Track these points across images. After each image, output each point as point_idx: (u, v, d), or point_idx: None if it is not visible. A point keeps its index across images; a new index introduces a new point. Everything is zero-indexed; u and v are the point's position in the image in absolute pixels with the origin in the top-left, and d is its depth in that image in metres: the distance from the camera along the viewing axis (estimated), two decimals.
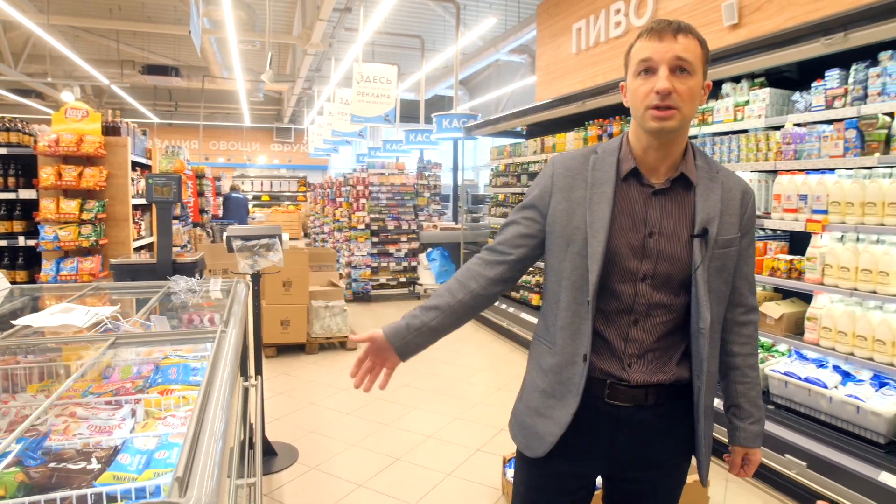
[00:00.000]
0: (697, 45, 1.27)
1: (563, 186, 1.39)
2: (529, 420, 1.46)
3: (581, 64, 6.30)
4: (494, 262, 1.43)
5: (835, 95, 3.05)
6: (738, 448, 1.47)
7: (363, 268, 8.13)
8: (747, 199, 1.41)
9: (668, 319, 1.35)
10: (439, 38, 11.68)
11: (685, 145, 1.38)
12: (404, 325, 1.41)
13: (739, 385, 1.46)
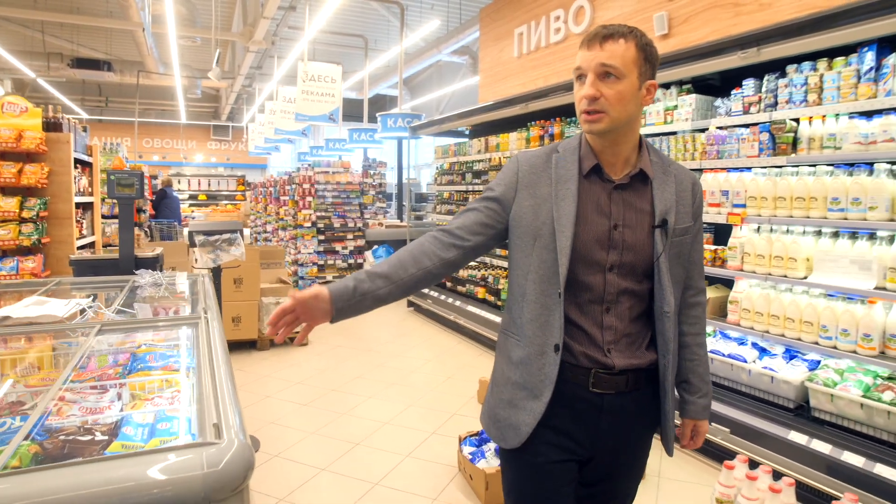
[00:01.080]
0: (628, 51, 1.32)
1: (528, 183, 1.44)
2: (503, 412, 1.47)
3: (523, 67, 6.59)
4: (451, 245, 1.43)
5: (751, 102, 3.42)
6: (688, 420, 1.57)
7: (310, 265, 8.16)
8: (697, 189, 1.51)
9: (635, 304, 1.43)
10: (381, 38, 11.78)
11: (638, 142, 1.45)
12: (352, 288, 1.36)
13: (689, 362, 1.56)
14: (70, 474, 0.85)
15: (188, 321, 1.96)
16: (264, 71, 12.54)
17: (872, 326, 2.75)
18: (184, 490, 0.86)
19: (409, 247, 1.46)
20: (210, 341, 1.66)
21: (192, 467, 0.88)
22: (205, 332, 1.79)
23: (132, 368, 2.03)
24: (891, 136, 2.70)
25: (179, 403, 1.78)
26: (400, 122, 8.28)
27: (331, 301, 1.34)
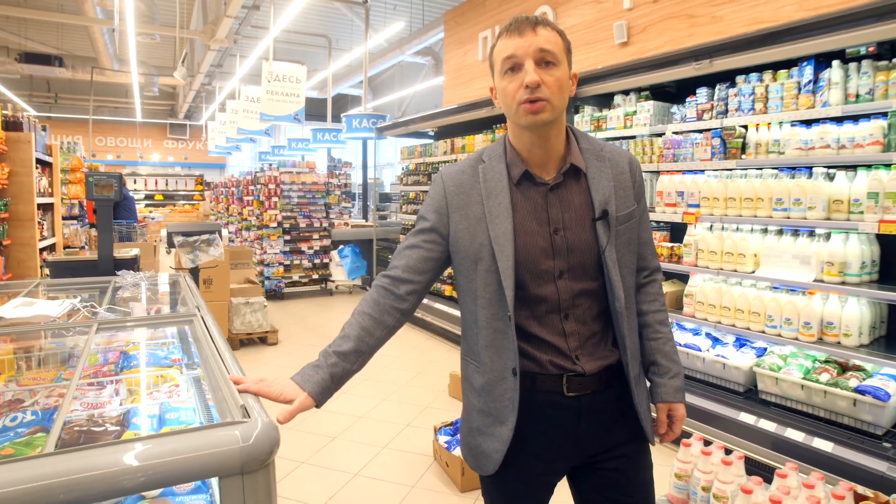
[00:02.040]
0: (558, 37, 1.29)
1: (458, 204, 1.37)
2: (473, 440, 1.43)
3: (487, 71, 6.74)
4: (405, 295, 1.38)
5: (704, 109, 3.67)
6: (662, 404, 1.46)
7: (276, 265, 8.16)
8: (634, 167, 1.43)
9: (593, 304, 1.37)
10: (343, 38, 11.80)
11: (565, 134, 1.38)
12: (328, 378, 1.33)
13: (653, 342, 1.48)
14: (128, 448, 0.95)
15: (183, 319, 2.03)
16: (225, 69, 12.39)
17: (811, 315, 3.02)
18: (226, 461, 0.97)
19: (365, 306, 1.40)
20: (211, 336, 1.75)
21: (231, 441, 0.99)
22: (202, 328, 1.87)
23: (124, 366, 2.10)
24: (826, 143, 2.97)
25: (178, 397, 1.87)
26: (365, 122, 8.36)
27: (315, 402, 1.32)
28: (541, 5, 5.79)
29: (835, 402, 2.85)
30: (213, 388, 1.40)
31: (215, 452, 0.98)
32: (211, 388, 1.44)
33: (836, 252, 2.95)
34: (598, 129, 4.45)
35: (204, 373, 1.60)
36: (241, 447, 0.99)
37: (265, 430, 1.05)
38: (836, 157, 2.94)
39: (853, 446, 2.67)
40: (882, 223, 2.71)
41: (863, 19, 2.74)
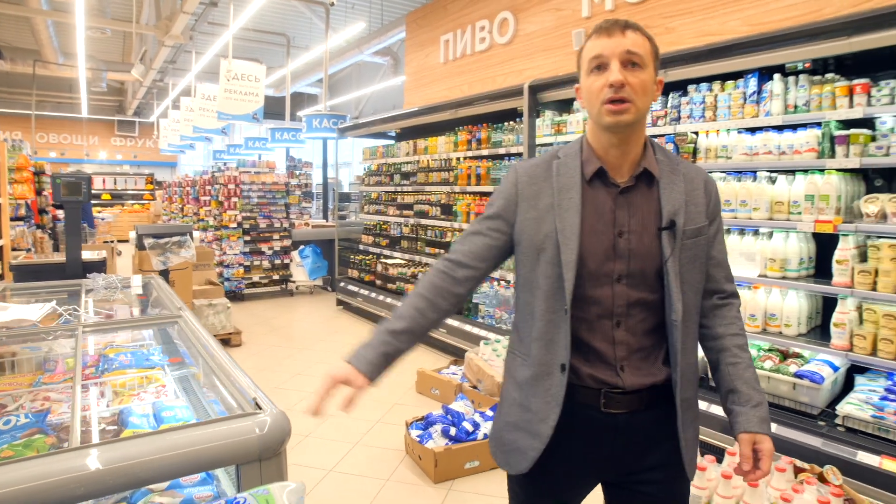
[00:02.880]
0: (646, 41, 1.29)
1: (528, 195, 1.37)
2: (509, 435, 1.41)
3: (449, 73, 6.89)
4: (463, 279, 1.39)
5: (658, 116, 3.88)
6: (745, 435, 1.33)
7: (236, 266, 8.08)
8: (710, 187, 1.41)
9: (648, 317, 1.34)
10: (300, 36, 11.71)
11: (644, 141, 1.38)
12: (381, 356, 1.33)
13: (731, 367, 1.39)
14: (158, 440, 1.03)
15: (167, 320, 2.08)
16: (179, 66, 12.12)
17: (756, 308, 3.26)
18: (247, 448, 1.06)
19: (421, 288, 1.40)
20: (200, 334, 1.80)
21: (249, 431, 1.08)
22: (189, 327, 1.93)
23: (106, 368, 2.12)
24: (769, 149, 3.21)
25: (167, 397, 1.92)
26: (325, 122, 8.34)
27: (368, 379, 1.32)
28: (502, 11, 5.96)
29: (777, 386, 3.09)
30: (214, 383, 1.47)
31: (237, 441, 1.07)
32: (211, 384, 1.51)
33: (777, 249, 3.20)
34: (559, 132, 4.63)
35: (200, 370, 1.66)
36: (259, 436, 1.09)
37: (278, 420, 1.14)
38: (777, 162, 3.19)
39: (793, 426, 2.91)
40: (817, 223, 2.96)
41: (799, 38, 2.99)
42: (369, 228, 7.69)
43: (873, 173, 3.19)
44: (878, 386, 2.96)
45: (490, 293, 5.36)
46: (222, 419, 1.12)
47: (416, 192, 6.64)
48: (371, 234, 7.60)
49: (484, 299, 5.42)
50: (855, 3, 3.31)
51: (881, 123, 2.99)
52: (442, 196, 6.17)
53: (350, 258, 7.87)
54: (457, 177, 5.88)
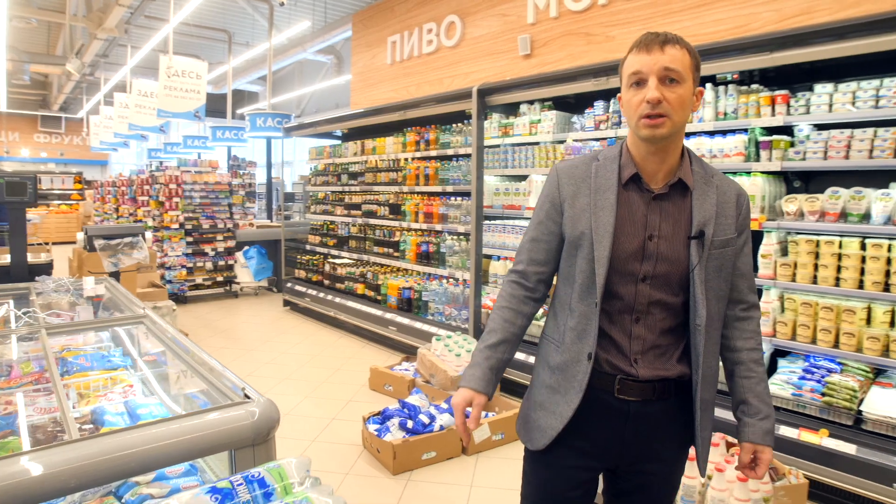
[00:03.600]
0: (685, 55, 1.33)
1: (569, 194, 1.46)
2: (534, 414, 1.51)
3: (396, 74, 6.96)
4: (535, 285, 1.52)
5: (600, 120, 4.10)
6: (747, 444, 1.44)
7: (178, 268, 7.88)
8: (742, 200, 1.46)
9: (667, 317, 1.42)
10: (239, 32, 11.46)
11: (681, 151, 1.44)
12: (488, 371, 1.45)
13: (745, 380, 1.47)
14: (162, 428, 1.08)
15: (133, 320, 2.08)
16: (112, 59, 11.63)
17: None
18: (241, 434, 1.13)
19: (503, 301, 1.52)
20: (173, 333, 1.83)
21: (244, 418, 1.14)
22: (156, 326, 1.94)
23: (65, 371, 2.10)
24: (702, 152, 3.47)
25: (135, 396, 1.93)
26: (270, 121, 8.25)
27: (486, 396, 1.44)
28: (449, 14, 6.08)
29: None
30: (194, 378, 1.51)
31: (232, 428, 1.13)
32: (191, 379, 1.54)
33: None
34: (506, 135, 4.79)
35: (178, 367, 1.68)
36: (252, 423, 1.16)
37: (268, 408, 1.21)
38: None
39: (725, 406, 3.15)
40: None
41: (728, 51, 3.25)
42: (316, 228, 7.66)
43: (792, 175, 3.49)
44: (797, 367, 3.25)
45: (439, 290, 5.48)
46: (217, 408, 1.18)
47: (364, 192, 6.68)
48: (318, 234, 7.57)
49: (433, 297, 5.53)
50: (779, 20, 3.61)
51: (798, 131, 3.28)
52: (390, 196, 6.24)
53: (297, 258, 7.82)
54: (405, 177, 5.96)
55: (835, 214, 3.07)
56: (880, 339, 2.93)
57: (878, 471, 2.68)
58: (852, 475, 2.75)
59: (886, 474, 2.65)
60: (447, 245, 5.42)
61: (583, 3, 4.75)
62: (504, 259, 4.86)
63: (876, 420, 2.82)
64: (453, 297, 5.37)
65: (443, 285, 5.48)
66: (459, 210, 5.30)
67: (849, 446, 2.77)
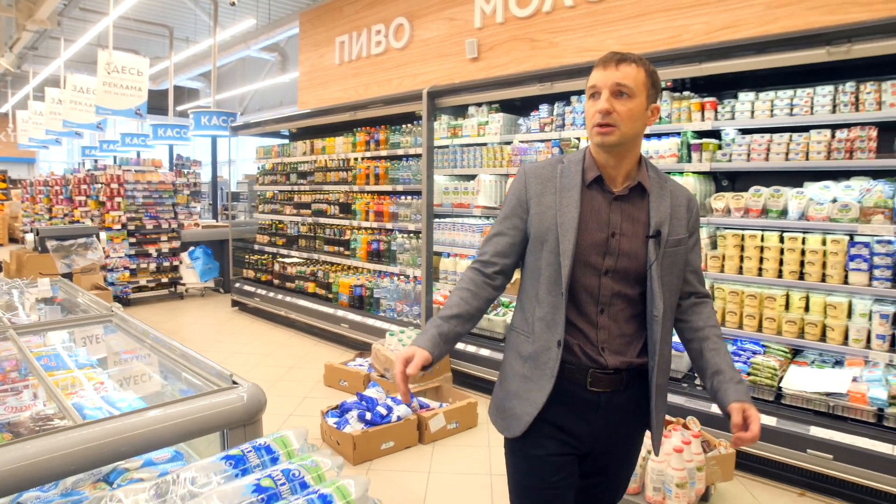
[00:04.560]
0: (640, 72, 1.46)
1: (535, 192, 1.56)
2: (509, 403, 1.59)
3: (344, 74, 7.01)
4: (493, 275, 1.59)
5: (545, 123, 4.32)
6: (735, 405, 1.48)
7: (121, 270, 7.66)
8: (692, 205, 1.61)
9: (628, 307, 1.53)
10: (181, 27, 11.19)
11: (638, 159, 1.57)
12: (436, 336, 1.49)
13: (714, 353, 1.57)
14: (164, 412, 1.16)
15: (101, 318, 2.11)
16: (42, 52, 11.12)
17: None
18: (233, 415, 1.22)
19: (462, 283, 1.59)
20: (146, 328, 1.88)
21: (236, 400, 1.24)
22: (128, 323, 1.99)
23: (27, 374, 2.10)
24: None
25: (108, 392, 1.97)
26: (215, 119, 8.12)
27: (430, 355, 1.45)
28: (397, 17, 6.19)
29: None
30: (174, 370, 1.58)
31: (226, 410, 1.24)
32: (171, 370, 1.61)
33: None
34: (455, 136, 4.95)
35: (168, 358, 1.72)
36: (244, 405, 1.26)
37: (255, 391, 1.32)
38: None
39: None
40: None
41: (662, 61, 3.51)
42: (265, 228, 7.61)
43: (720, 175, 3.80)
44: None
45: (391, 287, 5.59)
46: (210, 392, 1.27)
47: (314, 192, 6.71)
48: (267, 233, 7.53)
49: (385, 294, 5.64)
50: (708, 31, 3.91)
51: (725, 134, 3.58)
52: (341, 195, 6.29)
53: (245, 258, 7.75)
54: (355, 176, 6.04)
55: (757, 211, 3.37)
56: (796, 323, 3.25)
57: (794, 439, 2.99)
58: (773, 444, 3.06)
59: (801, 441, 2.97)
60: (398, 243, 5.53)
61: (528, 10, 4.96)
62: (454, 256, 5.02)
63: (793, 395, 3.14)
64: (405, 294, 5.49)
65: (394, 282, 5.60)
66: (410, 209, 5.43)
67: (770, 419, 3.07)
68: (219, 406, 1.22)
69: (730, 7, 3.81)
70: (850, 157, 3.08)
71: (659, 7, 4.16)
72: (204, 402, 1.21)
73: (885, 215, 2.94)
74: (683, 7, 4.04)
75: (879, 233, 2.95)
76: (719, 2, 3.86)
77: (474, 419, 3.91)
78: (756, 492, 3.06)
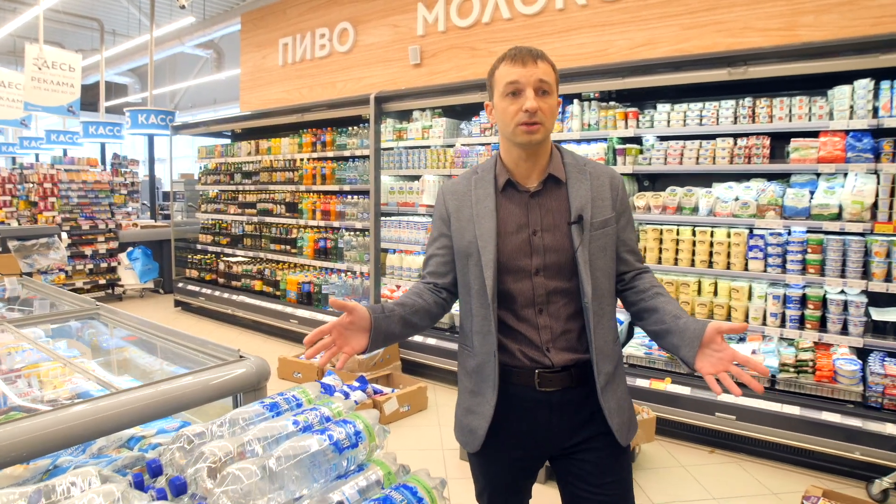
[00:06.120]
0: (551, 69, 1.46)
1: (454, 209, 1.57)
2: (464, 419, 1.58)
3: (288, 76, 7.13)
4: (433, 289, 1.60)
5: (485, 127, 4.66)
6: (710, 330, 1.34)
7: (55, 272, 7.46)
8: (616, 182, 1.56)
9: (568, 302, 1.50)
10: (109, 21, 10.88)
11: (550, 150, 1.55)
12: (380, 306, 1.45)
13: (669, 305, 1.48)
14: (192, 379, 1.39)
15: (87, 312, 2.25)
16: None
17: None
18: (248, 379, 1.46)
19: (412, 288, 1.61)
20: (142, 320, 2.06)
21: (249, 368, 1.48)
22: (117, 314, 2.15)
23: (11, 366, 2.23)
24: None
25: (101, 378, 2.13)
26: (153, 118, 8.05)
27: (368, 312, 1.40)
28: (342, 21, 6.39)
29: None
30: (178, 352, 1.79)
31: (240, 375, 1.48)
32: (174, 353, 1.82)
33: None
34: (400, 138, 5.23)
35: (169, 341, 1.90)
36: (255, 372, 1.51)
37: (261, 362, 1.57)
38: None
39: None
40: None
41: (591, 75, 3.92)
42: (208, 227, 7.61)
43: (642, 176, 4.26)
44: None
45: (339, 283, 5.80)
46: (227, 363, 1.50)
47: (259, 191, 6.80)
48: (210, 233, 7.54)
49: (333, 289, 5.84)
50: (631, 47, 4.36)
51: (646, 140, 4.03)
52: (287, 195, 6.43)
53: (187, 258, 7.71)
54: (302, 176, 6.20)
55: (673, 208, 3.83)
56: (707, 305, 3.73)
57: (704, 404, 3.47)
58: (688, 410, 3.52)
59: (711, 406, 3.45)
60: (345, 241, 5.75)
61: (468, 21, 5.29)
62: (400, 252, 5.29)
63: None
64: (353, 289, 5.72)
65: (342, 278, 5.81)
66: (356, 208, 5.66)
67: (685, 389, 3.54)
68: (234, 372, 1.45)
69: (649, 27, 4.27)
70: (748, 161, 3.57)
71: (587, 24, 4.59)
72: (224, 370, 1.45)
73: (775, 211, 3.45)
74: (608, 24, 4.48)
75: (772, 226, 3.46)
76: (640, 21, 4.32)
77: (424, 402, 4.21)
78: (674, 452, 3.51)
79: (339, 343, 1.37)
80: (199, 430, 1.09)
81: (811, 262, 3.35)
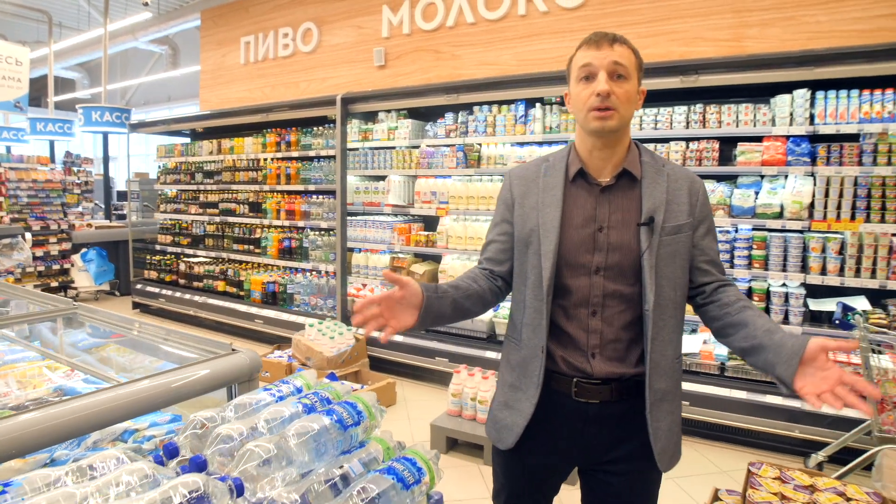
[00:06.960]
0: (632, 54, 1.38)
1: (519, 194, 1.51)
2: (500, 414, 1.53)
3: (250, 74, 7.10)
4: (489, 276, 1.54)
5: (451, 129, 4.79)
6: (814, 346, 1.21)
7: (4, 275, 7.22)
8: (696, 187, 1.46)
9: (626, 309, 1.40)
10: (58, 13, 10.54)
11: (628, 145, 1.46)
12: (433, 286, 1.41)
13: (759, 319, 1.34)
14: (192, 371, 1.46)
15: (65, 312, 2.27)
16: None
17: None
18: (243, 370, 1.54)
19: (466, 272, 1.55)
20: (118, 315, 2.10)
21: (243, 361, 1.57)
22: (97, 313, 2.18)
23: None
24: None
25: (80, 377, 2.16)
26: (108, 115, 7.88)
27: (421, 289, 1.36)
28: (305, 21, 6.41)
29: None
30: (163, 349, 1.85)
31: (236, 367, 1.56)
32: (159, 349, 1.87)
33: None
34: (366, 139, 5.30)
35: (159, 337, 1.94)
36: (249, 364, 1.59)
37: (253, 355, 1.65)
38: None
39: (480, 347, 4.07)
40: None
41: (551, 81, 4.10)
42: (167, 228, 7.50)
43: None
44: None
45: (304, 283, 5.84)
46: (223, 356, 1.58)
47: (221, 191, 6.75)
48: (170, 233, 7.43)
49: (299, 289, 5.87)
50: None
51: None
52: (250, 195, 6.41)
53: (146, 259, 7.58)
54: (266, 176, 6.19)
55: None
56: None
57: None
58: None
59: None
60: (310, 240, 5.79)
61: (433, 24, 5.41)
62: (366, 251, 5.37)
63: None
64: (319, 288, 5.76)
65: (307, 278, 5.84)
66: (322, 207, 5.70)
67: None
68: (230, 364, 1.53)
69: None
70: (699, 164, 3.81)
71: (548, 30, 4.77)
72: (221, 361, 1.53)
73: (724, 210, 3.70)
74: (569, 31, 4.67)
75: (721, 224, 3.70)
76: (599, 29, 4.51)
77: (393, 397, 4.31)
78: None
79: (386, 315, 1.32)
80: (209, 414, 1.18)
81: (756, 258, 3.61)
